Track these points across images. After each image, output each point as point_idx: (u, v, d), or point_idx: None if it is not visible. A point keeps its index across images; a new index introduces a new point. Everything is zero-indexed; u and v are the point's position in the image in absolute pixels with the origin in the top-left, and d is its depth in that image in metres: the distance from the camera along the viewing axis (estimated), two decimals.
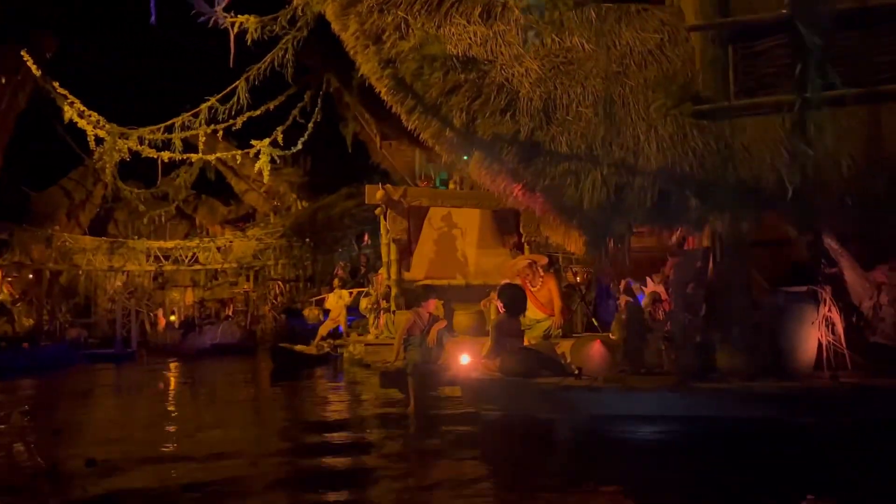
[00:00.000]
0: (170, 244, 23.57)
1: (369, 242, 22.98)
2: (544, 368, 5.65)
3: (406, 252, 9.28)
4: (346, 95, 17.59)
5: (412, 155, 19.73)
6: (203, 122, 12.14)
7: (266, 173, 16.79)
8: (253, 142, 16.62)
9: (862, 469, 4.47)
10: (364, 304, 17.91)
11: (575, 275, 9.53)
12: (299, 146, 17.41)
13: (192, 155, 15.43)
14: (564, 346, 6.31)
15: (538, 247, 9.74)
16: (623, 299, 5.49)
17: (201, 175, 28.38)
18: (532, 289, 8.55)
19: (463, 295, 9.39)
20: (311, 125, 17.48)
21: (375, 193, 8.76)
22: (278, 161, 16.93)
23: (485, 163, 5.96)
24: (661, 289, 5.77)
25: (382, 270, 11.64)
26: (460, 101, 6.44)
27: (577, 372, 5.37)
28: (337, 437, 6.30)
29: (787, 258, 5.99)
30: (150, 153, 14.84)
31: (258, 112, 17.05)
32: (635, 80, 6.29)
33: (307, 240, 22.90)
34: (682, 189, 4.97)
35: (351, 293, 17.53)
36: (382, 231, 9.02)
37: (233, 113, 11.87)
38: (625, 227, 5.00)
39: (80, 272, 23.35)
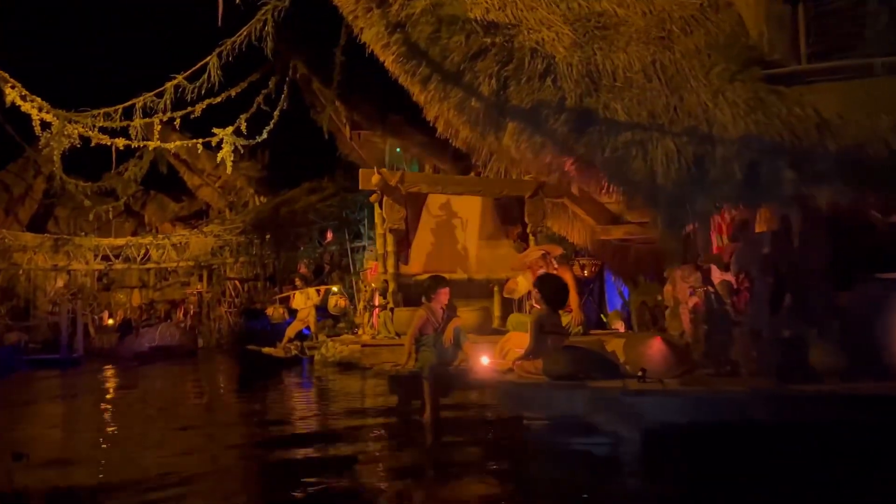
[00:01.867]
0: (120, 241, 22.10)
1: (333, 239, 21.99)
2: (597, 370, 4.92)
3: (404, 243, 8.41)
4: (314, 82, 16.63)
5: (383, 146, 18.86)
6: (168, 103, 11.00)
7: (229, 163, 15.62)
8: (215, 130, 15.54)
9: None
10: (333, 302, 17.00)
11: (582, 268, 8.85)
12: (265, 135, 16.30)
13: (149, 143, 14.19)
14: (614, 345, 5.59)
15: (547, 238, 9.03)
16: (699, 290, 4.80)
17: (151, 170, 26.93)
18: None
19: (464, 290, 8.60)
20: (276, 113, 16.47)
21: (370, 178, 7.90)
22: (242, 151, 15.90)
23: (523, 134, 5.18)
24: (729, 277, 5.09)
25: (370, 263, 10.78)
26: (488, 66, 5.66)
27: (640, 374, 4.65)
28: (340, 450, 5.45)
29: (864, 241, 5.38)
30: (103, 140, 13.60)
31: (219, 99, 15.97)
32: (683, 46, 5.63)
33: (267, 236, 21.74)
34: (773, 160, 4.30)
35: (319, 291, 16.56)
36: (377, 221, 8.17)
37: (202, 93, 10.76)
38: (709, 204, 4.29)
39: (20, 272, 21.68)
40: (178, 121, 14.99)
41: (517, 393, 5.03)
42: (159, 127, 14.57)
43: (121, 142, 13.85)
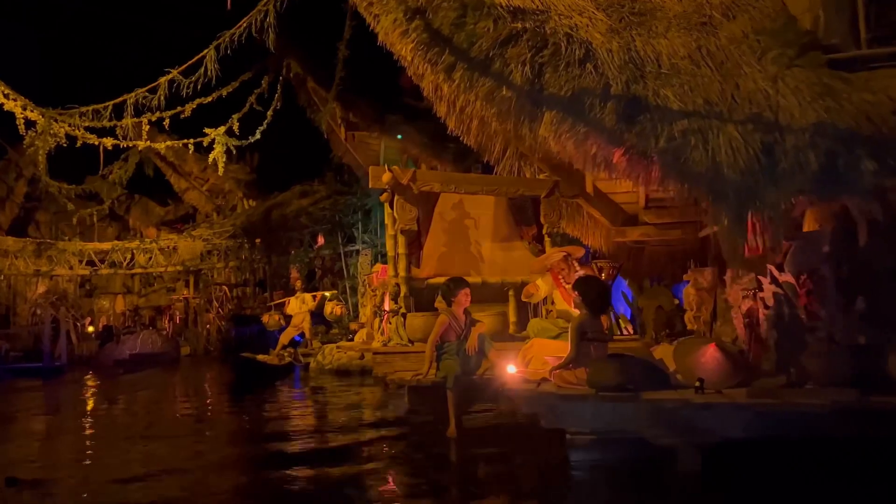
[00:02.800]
0: (105, 246, 21.45)
1: (325, 244, 21.49)
2: (648, 380, 4.52)
3: (415, 245, 7.97)
4: (309, 81, 16.17)
5: (377, 147, 18.43)
6: (162, 99, 10.49)
7: (221, 164, 15.14)
8: (206, 130, 15.05)
9: None
10: (329, 308, 16.52)
11: (600, 270, 8.46)
12: (258, 135, 15.87)
13: (138, 143, 13.65)
14: (661, 352, 5.20)
15: (565, 241, 8.64)
16: (768, 290, 4.40)
17: (137, 173, 26.30)
18: (566, 285, 7.42)
19: (478, 294, 8.14)
20: (269, 113, 16.00)
21: (381, 176, 7.46)
22: (234, 151, 15.40)
23: (563, 125, 4.78)
24: (787, 279, 4.70)
25: (377, 266, 10.32)
26: (521, 52, 5.26)
27: (697, 384, 4.26)
28: (352, 469, 4.99)
29: None
30: (91, 139, 13.08)
31: (210, 99, 15.48)
32: (728, 31, 5.27)
33: (258, 241, 21.19)
34: (850, 149, 3.93)
35: (315, 297, 16.08)
36: (388, 221, 7.73)
37: (198, 88, 10.27)
38: (782, 197, 3.90)
39: (1, 277, 20.99)
40: (167, 121, 14.51)
41: (559, 405, 4.61)
42: (147, 127, 14.10)
43: (109, 141, 13.34)
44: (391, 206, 7.79)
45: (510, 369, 5.98)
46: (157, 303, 28.36)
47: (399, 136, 12.72)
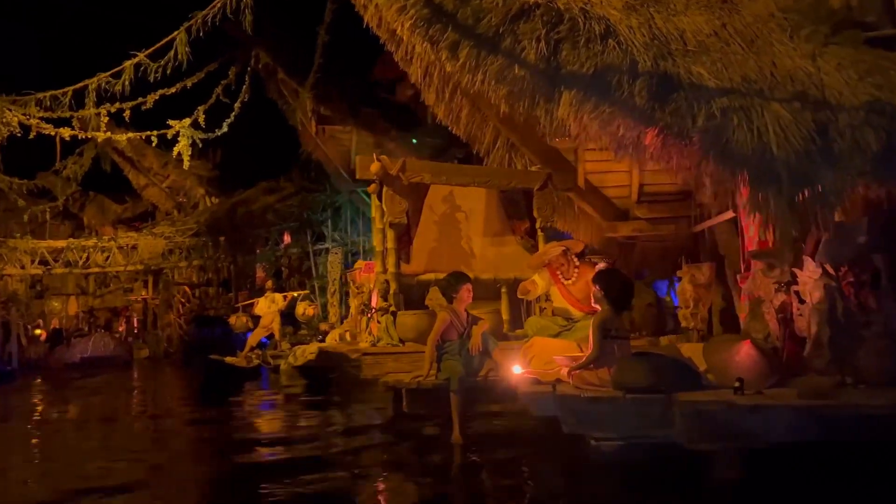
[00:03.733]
0: (60, 244, 20.44)
1: (292, 242, 20.85)
2: (679, 380, 4.18)
3: (405, 239, 7.53)
4: (279, 72, 15.58)
5: (348, 142, 17.90)
6: (126, 85, 9.83)
7: (186, 158, 14.49)
8: (170, 122, 14.37)
9: None
10: (301, 308, 15.92)
11: (594, 266, 8.11)
12: (225, 128, 15.24)
13: (97, 133, 12.91)
14: (687, 350, 4.86)
15: (555, 235, 8.30)
16: (818, 283, 4.08)
17: (92, 169, 25.24)
18: (565, 281, 7.06)
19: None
20: (237, 105, 15.36)
21: (369, 166, 7.01)
22: (200, 145, 14.73)
23: (585, 104, 4.41)
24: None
25: (360, 263, 9.85)
26: (534, 28, 4.88)
27: (737, 384, 3.93)
28: (351, 485, 4.55)
29: None
30: (46, 129, 12.32)
31: (173, 90, 14.78)
32: (751, 10, 4.97)
33: (222, 239, 20.44)
34: None
35: (285, 297, 15.47)
36: (375, 214, 7.28)
37: (167, 72, 9.65)
38: (842, 180, 3.58)
39: None
40: (128, 112, 13.80)
41: (585, 409, 4.24)
42: (107, 119, 13.38)
43: (66, 132, 12.59)
44: (379, 199, 7.34)
45: (516, 370, 5.61)
46: (113, 304, 27.30)
47: (414, 141, 12.19)
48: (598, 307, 4.71)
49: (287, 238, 21.07)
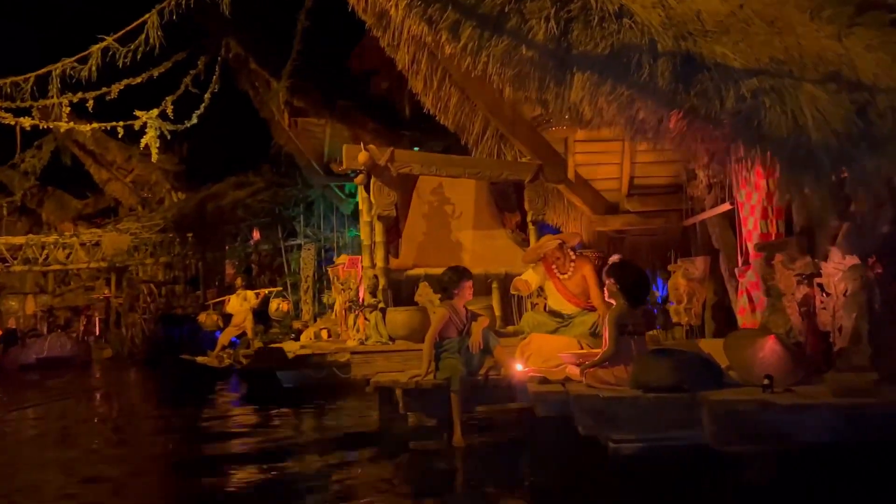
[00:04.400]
0: (18, 240, 19.62)
1: (261, 238, 20.33)
2: (703, 378, 3.96)
3: (393, 233, 7.22)
4: (251, 62, 15.10)
5: (322, 135, 17.48)
6: (93, 71, 9.31)
7: (154, 150, 13.95)
8: (137, 112, 13.82)
9: None
10: (275, 305, 15.47)
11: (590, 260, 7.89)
12: (194, 120, 14.71)
13: (60, 123, 12.31)
14: (705, 346, 4.64)
15: (543, 228, 8.06)
16: (848, 274, 3.88)
17: (52, 162, 24.35)
18: (561, 276, 6.83)
19: None
20: (207, 96, 14.84)
21: (357, 156, 6.69)
22: (168, 137, 14.20)
23: (602, 87, 4.15)
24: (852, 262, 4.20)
25: (343, 257, 9.49)
26: (542, 6, 4.59)
27: (766, 382, 3.72)
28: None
29: None
30: (6, 119, 11.73)
31: (139, 80, 14.22)
32: None
33: (190, 235, 19.83)
34: None
35: (258, 294, 15.01)
36: (363, 207, 6.97)
37: (137, 58, 9.16)
38: (885, 164, 3.38)
39: None
40: (91, 102, 13.23)
41: (604, 409, 4.00)
42: (68, 109, 12.80)
43: (27, 121, 12.01)
44: (367, 190, 7.02)
45: (517, 367, 5.36)
46: (73, 303, 26.45)
47: (416, 149, 11.75)
48: (611, 302, 4.46)
49: (256, 234, 20.53)
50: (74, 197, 27.35)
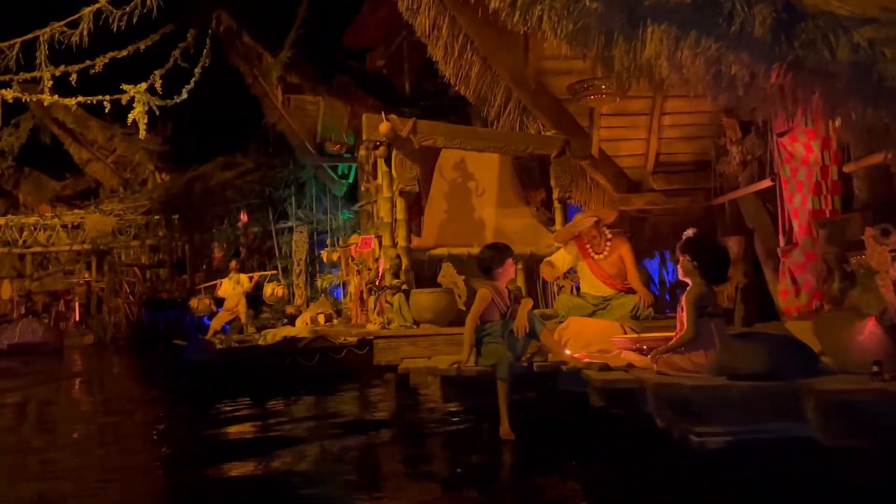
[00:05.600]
0: None
1: (248, 221, 19.70)
2: (798, 365, 3.57)
3: (415, 210, 6.75)
4: (244, 35, 14.45)
5: (315, 113, 16.89)
6: (84, 35, 8.69)
7: (142, 125, 13.35)
8: (124, 86, 13.15)
9: None
10: (270, 290, 14.93)
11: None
12: (184, 95, 14.05)
13: (44, 97, 11.63)
14: (793, 328, 4.25)
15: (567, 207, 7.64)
16: None
17: (29, 142, 23.45)
18: (596, 256, 6.44)
19: None
20: (197, 71, 14.18)
21: (378, 126, 6.21)
22: (157, 113, 13.55)
23: (683, 40, 3.70)
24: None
25: (356, 237, 8.98)
26: None
27: (875, 369, 3.34)
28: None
29: None
30: None
31: (125, 52, 13.55)
32: None
33: (175, 217, 19.15)
34: None
35: (251, 278, 14.47)
36: (383, 182, 6.48)
37: (133, 22, 8.56)
38: None
39: None
40: (74, 76, 12.55)
41: (685, 399, 3.59)
42: (50, 83, 12.12)
43: (9, 93, 11.33)
44: (387, 164, 6.53)
45: (567, 353, 4.95)
46: (52, 287, 25.62)
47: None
48: (687, 281, 4.04)
49: (244, 217, 19.91)
50: (52, 178, 26.47)
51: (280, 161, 18.80)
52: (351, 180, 17.92)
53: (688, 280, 4.04)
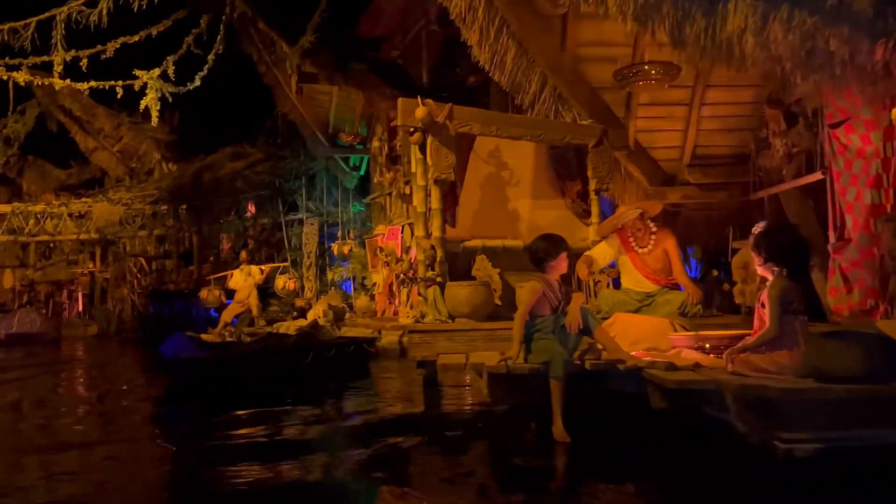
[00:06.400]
0: (3, 208, 18.53)
1: (255, 212, 19.40)
2: (891, 365, 3.30)
3: (450, 200, 6.47)
4: (259, 22, 14.14)
5: (328, 103, 16.59)
6: (104, 15, 8.39)
7: (154, 112, 13.13)
8: (137, 72, 12.88)
9: None
10: (282, 283, 14.65)
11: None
12: (197, 82, 13.79)
13: (56, 80, 11.35)
14: (885, 327, 3.98)
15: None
16: None
17: (33, 130, 23.09)
18: (640, 250, 6.18)
19: (517, 261, 6.76)
20: (211, 58, 13.88)
21: (413, 110, 5.92)
22: (170, 99, 13.26)
23: (774, 13, 3.42)
24: None
25: (382, 227, 8.69)
26: None
27: None
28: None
29: None
30: None
31: (136, 38, 13.26)
32: None
33: (183, 207, 18.84)
34: None
35: (262, 269, 14.17)
36: (417, 170, 6.20)
37: (155, 1, 8.26)
38: None
39: None
40: (84, 61, 12.30)
41: (772, 402, 3.32)
42: (60, 68, 11.85)
43: (21, 76, 11.09)
44: (422, 151, 6.25)
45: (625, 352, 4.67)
46: (55, 277, 25.31)
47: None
48: (767, 275, 3.77)
49: (252, 208, 19.62)
50: (56, 167, 26.14)
51: (289, 152, 18.52)
52: (362, 172, 17.64)
53: (767, 275, 3.76)
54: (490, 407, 4.85)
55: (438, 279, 6.04)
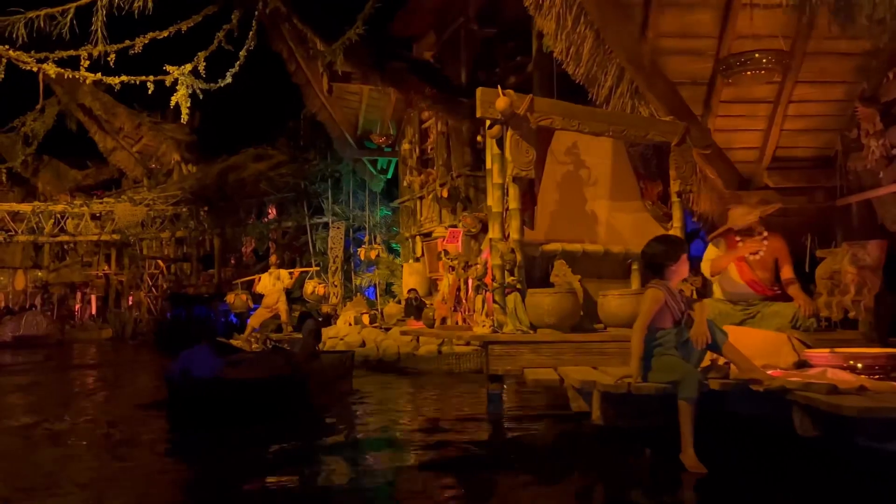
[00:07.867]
0: (23, 207, 18.10)
1: (276, 215, 18.91)
2: None
3: (528, 199, 5.95)
4: (294, 18, 13.68)
5: (357, 104, 16.15)
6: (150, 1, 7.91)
7: (185, 109, 12.66)
8: (168, 67, 12.43)
9: None
10: (311, 288, 14.16)
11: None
12: (228, 79, 13.32)
13: (87, 74, 10.88)
14: None
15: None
16: None
17: (56, 128, 22.65)
18: (751, 256, 5.66)
19: (596, 267, 6.27)
20: (242, 54, 13.42)
21: (494, 101, 5.43)
22: (201, 95, 12.79)
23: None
24: None
25: (440, 230, 8.17)
26: None
27: None
28: None
29: None
30: (28, 64, 10.34)
31: (165, 34, 12.81)
32: None
33: (205, 209, 18.37)
34: None
35: (292, 274, 13.68)
36: (494, 167, 5.69)
37: None
38: None
39: None
40: (112, 56, 11.86)
41: None
42: (87, 63, 11.42)
43: (51, 68, 10.63)
44: (499, 146, 5.74)
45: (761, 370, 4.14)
46: (69, 279, 24.90)
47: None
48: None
49: (272, 211, 19.15)
50: (72, 167, 25.75)
51: (312, 154, 18.07)
52: (390, 175, 17.16)
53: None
54: (599, 428, 4.29)
55: (518, 286, 5.51)
